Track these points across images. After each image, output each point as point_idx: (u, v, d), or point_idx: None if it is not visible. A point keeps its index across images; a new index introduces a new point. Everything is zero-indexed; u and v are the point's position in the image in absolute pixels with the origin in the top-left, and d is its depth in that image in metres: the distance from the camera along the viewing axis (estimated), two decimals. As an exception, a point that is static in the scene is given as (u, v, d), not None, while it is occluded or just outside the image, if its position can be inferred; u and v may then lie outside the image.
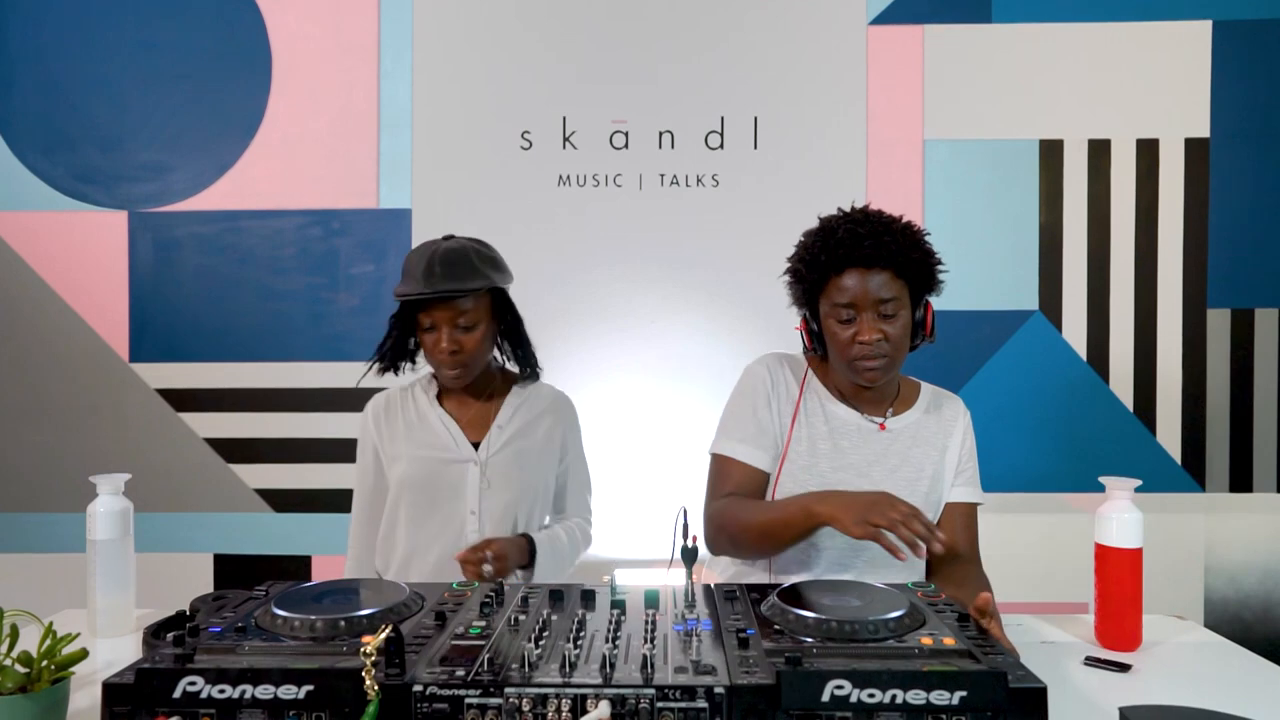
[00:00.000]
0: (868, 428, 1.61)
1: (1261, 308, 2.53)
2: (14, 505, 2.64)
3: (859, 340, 1.50)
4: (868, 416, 1.62)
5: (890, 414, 1.63)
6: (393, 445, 1.79)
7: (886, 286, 1.50)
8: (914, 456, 1.61)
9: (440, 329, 1.68)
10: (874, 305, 1.50)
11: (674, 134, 2.58)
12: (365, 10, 2.59)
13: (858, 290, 1.50)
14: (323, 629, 1.09)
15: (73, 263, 2.62)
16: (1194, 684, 1.28)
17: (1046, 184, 2.54)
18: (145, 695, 0.96)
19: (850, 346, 1.52)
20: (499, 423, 1.79)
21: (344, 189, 2.60)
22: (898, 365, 1.57)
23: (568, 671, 0.97)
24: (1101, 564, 1.43)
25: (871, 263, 1.49)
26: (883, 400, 1.64)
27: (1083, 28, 2.52)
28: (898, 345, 1.52)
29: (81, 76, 2.61)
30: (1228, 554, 2.54)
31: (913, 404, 1.66)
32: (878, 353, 1.51)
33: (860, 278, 1.49)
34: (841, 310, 1.52)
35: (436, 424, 1.78)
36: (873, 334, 1.50)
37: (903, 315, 1.52)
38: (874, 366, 1.52)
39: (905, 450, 1.61)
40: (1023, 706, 0.93)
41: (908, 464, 1.60)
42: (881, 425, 1.61)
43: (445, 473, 1.75)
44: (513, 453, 1.78)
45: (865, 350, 1.50)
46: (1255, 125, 2.51)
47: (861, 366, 1.52)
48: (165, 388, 2.63)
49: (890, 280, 1.50)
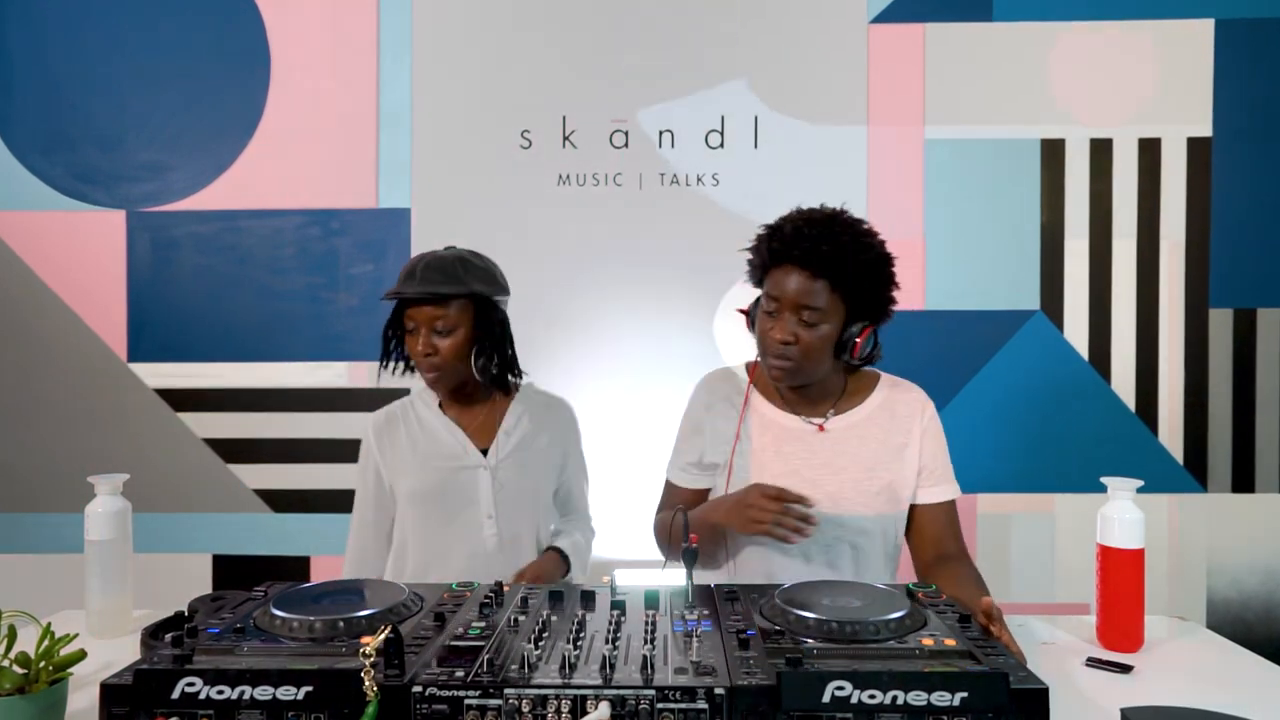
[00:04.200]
0: (807, 430, 1.61)
1: (1264, 308, 2.53)
2: (12, 505, 2.64)
3: (771, 336, 1.52)
4: (806, 419, 1.62)
5: (831, 414, 1.62)
6: (397, 460, 1.79)
7: (814, 294, 1.48)
8: (861, 455, 1.59)
9: (419, 331, 1.71)
10: (795, 307, 1.49)
11: (674, 134, 2.58)
12: (364, 10, 2.59)
13: (784, 287, 1.50)
14: (322, 630, 1.09)
15: (71, 262, 2.62)
16: (1196, 685, 1.27)
17: (1048, 183, 2.54)
18: (144, 696, 0.95)
19: (764, 339, 1.54)
20: (505, 428, 1.81)
21: (343, 189, 2.60)
22: (808, 374, 1.55)
23: (567, 672, 0.97)
24: (1103, 564, 1.42)
25: (805, 265, 1.48)
26: (822, 400, 1.63)
27: (1084, 26, 2.52)
28: (807, 353, 1.51)
29: (80, 76, 2.61)
30: (1230, 555, 2.54)
31: (861, 401, 1.63)
32: (785, 354, 1.51)
33: (790, 276, 1.49)
34: (769, 302, 1.53)
35: (443, 433, 1.80)
36: (784, 334, 1.50)
37: (824, 327, 1.50)
38: (779, 366, 1.53)
39: (850, 450, 1.59)
40: (1024, 707, 0.93)
41: (855, 463, 1.58)
42: (820, 427, 1.61)
43: (457, 480, 1.77)
44: (521, 457, 1.80)
45: (775, 348, 1.52)
46: (1257, 124, 2.51)
47: (770, 363, 1.54)
48: (164, 388, 2.63)
49: (822, 289, 1.48)
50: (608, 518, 2.08)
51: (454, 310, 1.70)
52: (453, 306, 1.70)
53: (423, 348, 1.70)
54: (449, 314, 1.70)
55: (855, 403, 1.63)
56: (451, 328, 1.71)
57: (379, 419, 1.83)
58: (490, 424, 1.81)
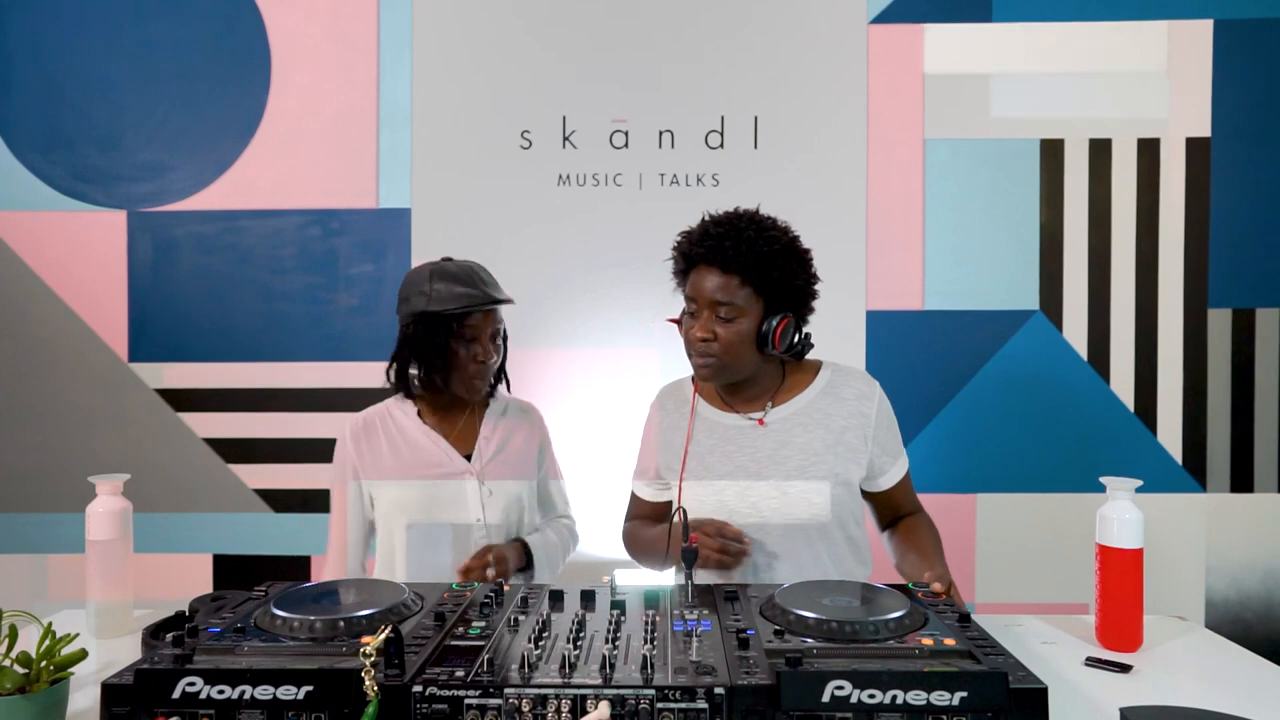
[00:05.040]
0: (747, 425, 1.65)
1: (1263, 308, 2.53)
2: (13, 505, 2.64)
3: (692, 335, 1.58)
4: (745, 415, 1.66)
5: (770, 407, 1.66)
6: (376, 468, 1.79)
7: (727, 290, 1.54)
8: (802, 443, 1.62)
9: (479, 339, 1.73)
10: (711, 305, 1.56)
11: (674, 134, 2.58)
12: (364, 9, 2.59)
13: (699, 287, 1.57)
14: (322, 629, 1.09)
15: (72, 262, 2.62)
16: (1195, 684, 1.28)
17: (1047, 183, 2.54)
18: (144, 696, 0.95)
19: (688, 340, 1.60)
20: (484, 434, 1.84)
21: (343, 189, 2.60)
22: (731, 369, 1.60)
23: (567, 672, 0.97)
24: (1102, 564, 1.43)
25: (713, 263, 1.55)
26: (760, 395, 1.67)
27: (1083, 27, 2.52)
28: (728, 349, 1.56)
29: (80, 76, 2.61)
30: (1229, 554, 2.54)
31: (800, 391, 1.67)
32: (707, 351, 1.57)
33: (704, 276, 1.57)
34: (689, 303, 1.61)
35: (424, 441, 1.81)
36: (703, 332, 1.56)
37: (742, 322, 1.55)
38: (702, 364, 1.59)
39: (794, 439, 1.63)
40: (1023, 707, 0.93)
41: (801, 452, 1.61)
42: (760, 421, 1.65)
43: (443, 488, 1.79)
44: (502, 461, 1.83)
45: (697, 346, 1.58)
46: (1257, 125, 2.51)
47: (693, 362, 1.61)
48: (164, 388, 2.63)
49: (735, 285, 1.54)
50: (607, 518, 2.08)
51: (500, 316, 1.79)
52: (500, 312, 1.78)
53: (483, 355, 1.73)
54: (501, 320, 1.79)
55: (794, 393, 1.67)
56: (500, 333, 1.79)
57: (356, 424, 1.83)
58: (469, 431, 1.84)
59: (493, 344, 1.76)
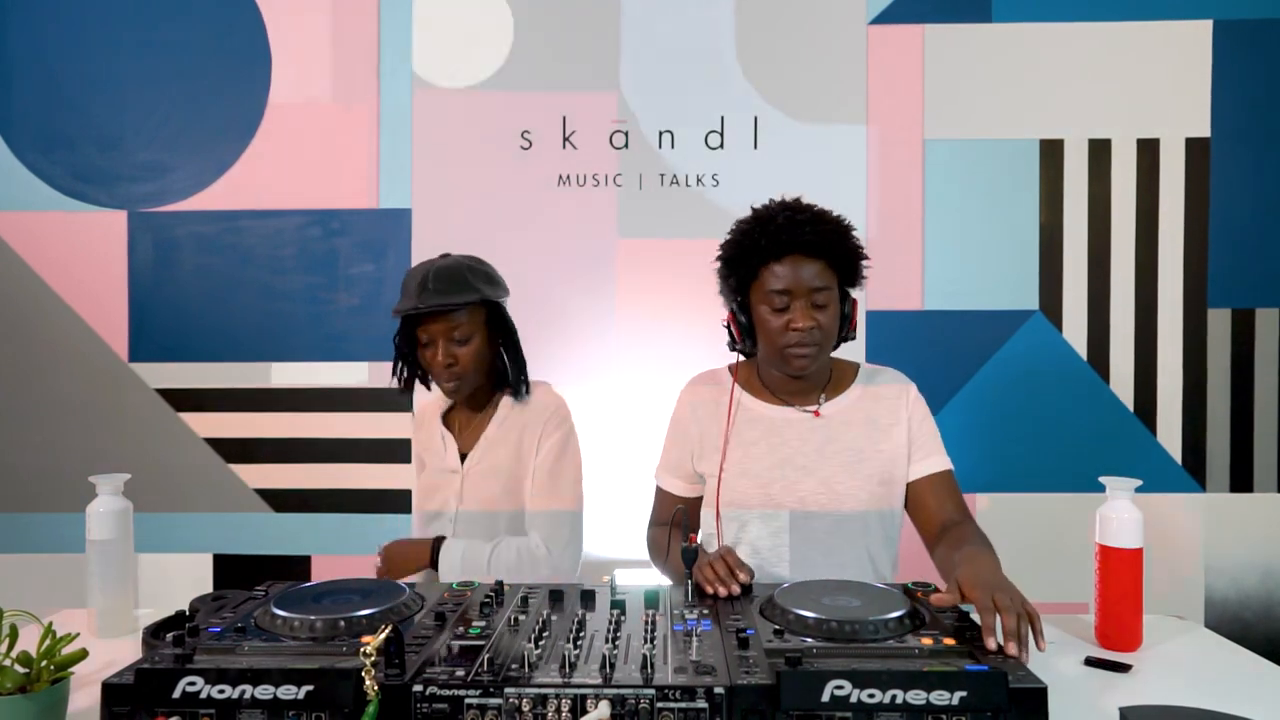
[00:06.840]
0: (802, 418, 1.64)
1: (1262, 308, 2.53)
2: (13, 505, 2.64)
3: (792, 327, 1.54)
4: (800, 408, 1.65)
5: (823, 400, 1.65)
6: (417, 453, 1.94)
7: (820, 276, 1.54)
8: (850, 439, 1.62)
9: (437, 342, 1.73)
10: (808, 293, 1.54)
11: (674, 134, 2.58)
12: (365, 10, 2.59)
13: (793, 278, 1.53)
14: (322, 629, 1.09)
15: (72, 262, 2.62)
16: (1194, 684, 1.28)
17: (1047, 184, 2.54)
18: (145, 695, 0.96)
19: (783, 334, 1.55)
20: (487, 435, 1.84)
21: (343, 189, 2.60)
22: (826, 355, 1.61)
23: (568, 672, 0.97)
24: (1102, 564, 1.43)
25: (808, 250, 1.53)
26: (814, 389, 1.66)
27: (1083, 27, 2.52)
28: (828, 334, 1.57)
29: (81, 76, 2.61)
30: (1228, 554, 2.54)
31: (847, 387, 1.67)
32: (810, 340, 1.54)
33: (796, 265, 1.54)
34: (776, 298, 1.55)
35: (436, 438, 1.87)
36: (807, 321, 1.53)
37: (833, 306, 1.57)
38: (804, 354, 1.55)
39: (842, 435, 1.63)
40: (1023, 706, 0.93)
41: (847, 448, 1.62)
42: (816, 412, 1.64)
43: (440, 483, 1.84)
44: (490, 465, 1.81)
45: (798, 338, 1.54)
46: (1256, 125, 2.51)
47: (792, 355, 1.55)
48: (165, 387, 2.63)
49: (823, 270, 1.54)
50: (606, 518, 2.08)
51: (467, 317, 1.74)
52: (465, 314, 1.73)
53: (443, 358, 1.73)
54: (463, 322, 1.73)
55: (842, 388, 1.67)
56: (468, 336, 1.74)
57: (420, 406, 1.96)
58: (479, 431, 1.85)
59: (459, 346, 1.72)
